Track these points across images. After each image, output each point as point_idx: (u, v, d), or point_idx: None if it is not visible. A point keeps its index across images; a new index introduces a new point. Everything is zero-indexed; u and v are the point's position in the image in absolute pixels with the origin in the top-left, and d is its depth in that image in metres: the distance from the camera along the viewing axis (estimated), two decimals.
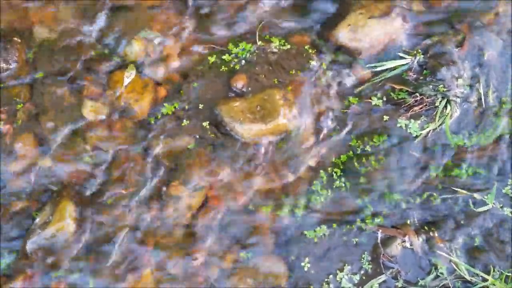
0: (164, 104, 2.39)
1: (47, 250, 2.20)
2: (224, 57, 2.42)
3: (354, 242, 2.20)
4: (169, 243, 2.21)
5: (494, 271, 2.12)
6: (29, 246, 2.19)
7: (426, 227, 2.22)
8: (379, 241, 2.18)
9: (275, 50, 2.42)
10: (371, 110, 2.36)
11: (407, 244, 2.18)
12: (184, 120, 2.35)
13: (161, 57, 2.45)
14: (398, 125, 2.32)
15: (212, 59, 2.43)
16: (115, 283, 2.18)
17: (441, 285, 2.13)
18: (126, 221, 2.25)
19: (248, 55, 2.41)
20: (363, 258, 2.18)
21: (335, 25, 2.41)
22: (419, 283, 2.14)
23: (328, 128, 2.35)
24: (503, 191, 2.25)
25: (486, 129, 2.33)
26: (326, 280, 2.16)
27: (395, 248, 2.17)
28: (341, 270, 2.17)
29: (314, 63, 2.40)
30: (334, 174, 2.29)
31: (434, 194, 2.26)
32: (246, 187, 2.27)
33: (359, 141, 2.32)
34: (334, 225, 2.23)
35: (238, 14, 2.49)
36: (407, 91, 2.34)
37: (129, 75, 2.42)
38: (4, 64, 2.43)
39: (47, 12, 2.53)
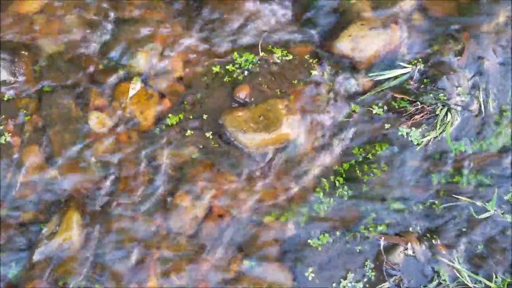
0: (169, 115, 2.42)
1: (54, 260, 2.22)
2: (227, 67, 2.45)
3: (357, 250, 2.21)
4: (174, 252, 2.23)
5: (496, 277, 2.13)
6: (37, 256, 2.21)
7: (428, 235, 2.22)
8: (382, 248, 2.19)
9: (277, 60, 2.45)
10: (372, 118, 2.38)
11: (410, 252, 2.18)
12: (188, 131, 2.38)
13: (165, 69, 2.48)
14: (400, 133, 2.33)
15: (215, 69, 2.46)
16: None
17: None
18: (132, 231, 2.27)
19: (251, 65, 2.44)
20: (366, 266, 2.19)
21: (337, 36, 2.44)
22: None
23: (330, 136, 2.37)
24: (505, 198, 2.26)
25: (487, 137, 2.34)
26: None
27: (398, 256, 2.18)
28: (345, 278, 2.17)
29: (316, 73, 2.43)
30: (337, 182, 2.30)
31: (436, 201, 2.27)
32: (250, 196, 2.29)
33: (361, 149, 2.34)
34: (337, 233, 2.24)
35: (241, 26, 2.53)
36: (408, 100, 2.36)
37: (134, 87, 2.45)
38: (11, 77, 2.47)
39: (53, 25, 2.57)
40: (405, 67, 2.39)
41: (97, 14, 2.59)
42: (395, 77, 2.39)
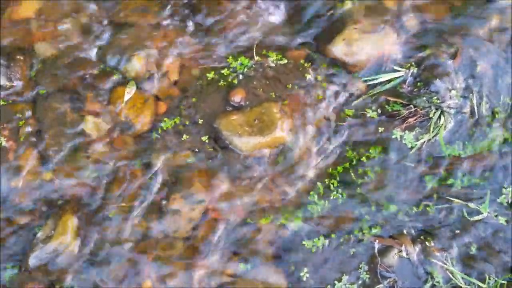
0: (164, 119, 2.43)
1: (49, 264, 2.22)
2: (222, 71, 2.47)
3: (352, 252, 2.22)
4: (169, 255, 2.23)
5: (489, 279, 2.14)
6: (32, 260, 2.21)
7: (422, 237, 2.23)
8: (376, 251, 2.20)
9: (272, 64, 2.47)
10: (366, 122, 2.39)
11: (404, 254, 2.19)
12: (184, 135, 2.39)
13: (161, 73, 2.49)
14: (393, 136, 2.35)
15: (210, 74, 2.47)
16: None
17: None
18: (127, 234, 2.28)
19: (245, 69, 2.46)
20: (361, 268, 2.19)
21: (330, 40, 2.46)
22: None
23: (324, 139, 2.38)
24: (498, 200, 2.27)
25: (480, 139, 2.36)
26: None
27: (392, 258, 2.19)
28: (339, 280, 2.18)
29: (310, 77, 2.44)
30: (331, 185, 2.32)
31: (430, 204, 2.28)
32: (245, 199, 2.30)
33: (355, 152, 2.36)
34: (332, 236, 2.25)
35: (236, 30, 2.54)
36: (401, 103, 2.38)
37: (129, 91, 2.46)
38: (7, 82, 2.48)
39: (49, 30, 2.58)
40: (398, 71, 2.41)
41: (93, 19, 2.60)
42: (389, 81, 2.41)
